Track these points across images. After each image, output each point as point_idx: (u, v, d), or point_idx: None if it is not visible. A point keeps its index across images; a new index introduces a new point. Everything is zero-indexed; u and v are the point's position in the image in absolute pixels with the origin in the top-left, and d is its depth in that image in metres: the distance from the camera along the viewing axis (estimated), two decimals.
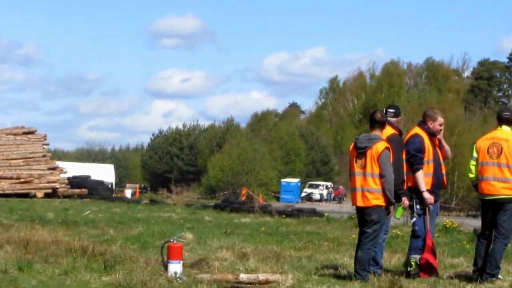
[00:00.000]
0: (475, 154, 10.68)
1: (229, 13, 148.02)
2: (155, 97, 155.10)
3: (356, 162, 10.14)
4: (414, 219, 10.76)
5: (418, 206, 10.74)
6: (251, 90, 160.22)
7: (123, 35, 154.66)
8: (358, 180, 10.08)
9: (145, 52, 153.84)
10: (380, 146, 10.01)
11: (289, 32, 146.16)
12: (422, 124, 11.03)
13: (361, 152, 10.09)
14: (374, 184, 9.98)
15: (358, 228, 10.50)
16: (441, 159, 11.05)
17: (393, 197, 10.33)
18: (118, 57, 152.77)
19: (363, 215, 10.11)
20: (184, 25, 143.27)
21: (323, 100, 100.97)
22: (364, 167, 10.04)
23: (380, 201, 9.99)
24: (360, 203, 10.07)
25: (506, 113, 10.76)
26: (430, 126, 10.96)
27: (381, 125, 10.28)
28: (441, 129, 11.07)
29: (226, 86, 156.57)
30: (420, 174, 10.69)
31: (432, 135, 10.96)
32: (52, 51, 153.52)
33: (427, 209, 10.74)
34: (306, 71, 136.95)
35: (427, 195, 10.71)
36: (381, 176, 9.95)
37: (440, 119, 11.07)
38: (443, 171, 11.13)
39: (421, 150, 10.74)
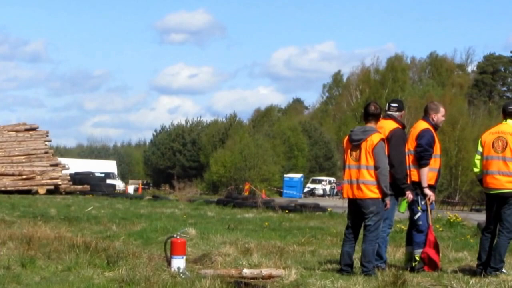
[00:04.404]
0: (480, 149, 10.64)
1: (240, 8, 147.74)
2: (162, 93, 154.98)
3: (351, 155, 10.17)
4: (419, 214, 10.71)
5: (422, 202, 10.71)
6: (258, 86, 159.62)
7: (131, 30, 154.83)
8: (353, 172, 10.10)
9: (153, 48, 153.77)
10: (375, 137, 10.02)
11: (300, 26, 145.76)
12: (427, 118, 10.99)
13: (356, 144, 10.11)
14: (369, 176, 10.00)
15: (350, 222, 10.38)
16: None
17: (396, 190, 10.34)
18: (125, 53, 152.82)
19: (357, 208, 10.12)
20: (193, 20, 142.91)
21: (327, 95, 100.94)
22: (358, 159, 10.05)
23: (376, 194, 10.00)
24: (355, 195, 10.08)
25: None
26: (434, 118, 10.95)
27: (375, 117, 10.29)
28: (442, 120, 11.07)
29: (233, 81, 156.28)
30: (426, 170, 10.65)
31: (436, 129, 10.94)
32: (59, 48, 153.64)
33: (428, 204, 10.72)
34: (314, 66, 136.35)
35: (428, 192, 10.68)
36: (376, 167, 9.97)
37: (442, 110, 11.10)
38: None
39: (432, 145, 10.71)
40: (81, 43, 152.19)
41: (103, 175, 51.27)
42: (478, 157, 10.66)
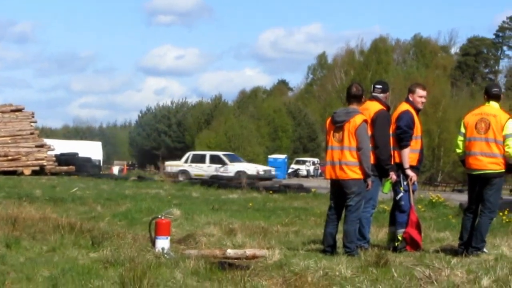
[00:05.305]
0: (462, 130, 10.70)
1: None
2: (148, 74, 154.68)
3: (333, 136, 10.22)
4: (401, 194, 10.80)
5: (405, 182, 10.80)
6: (245, 67, 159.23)
7: (119, 12, 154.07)
8: (336, 154, 10.17)
9: (141, 29, 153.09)
10: (358, 119, 10.09)
11: (287, 8, 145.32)
12: (408, 99, 11.06)
13: (338, 126, 10.17)
14: (351, 157, 10.07)
15: (333, 203, 10.46)
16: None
17: (380, 171, 10.44)
18: (112, 34, 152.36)
19: (340, 188, 10.20)
20: (181, 1, 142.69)
21: (311, 76, 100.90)
22: (341, 141, 10.12)
23: (358, 175, 10.08)
24: (337, 176, 10.16)
25: (495, 89, 10.79)
26: (411, 98, 11.01)
27: (358, 99, 10.34)
28: (421, 101, 11.08)
29: (219, 63, 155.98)
30: (407, 151, 10.72)
31: (418, 110, 11.00)
32: (46, 29, 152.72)
33: (410, 185, 10.81)
34: (301, 47, 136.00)
35: (410, 172, 10.76)
36: (358, 148, 10.04)
37: (419, 91, 11.04)
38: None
39: (412, 126, 10.77)
40: (68, 24, 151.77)
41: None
42: (460, 138, 10.73)
